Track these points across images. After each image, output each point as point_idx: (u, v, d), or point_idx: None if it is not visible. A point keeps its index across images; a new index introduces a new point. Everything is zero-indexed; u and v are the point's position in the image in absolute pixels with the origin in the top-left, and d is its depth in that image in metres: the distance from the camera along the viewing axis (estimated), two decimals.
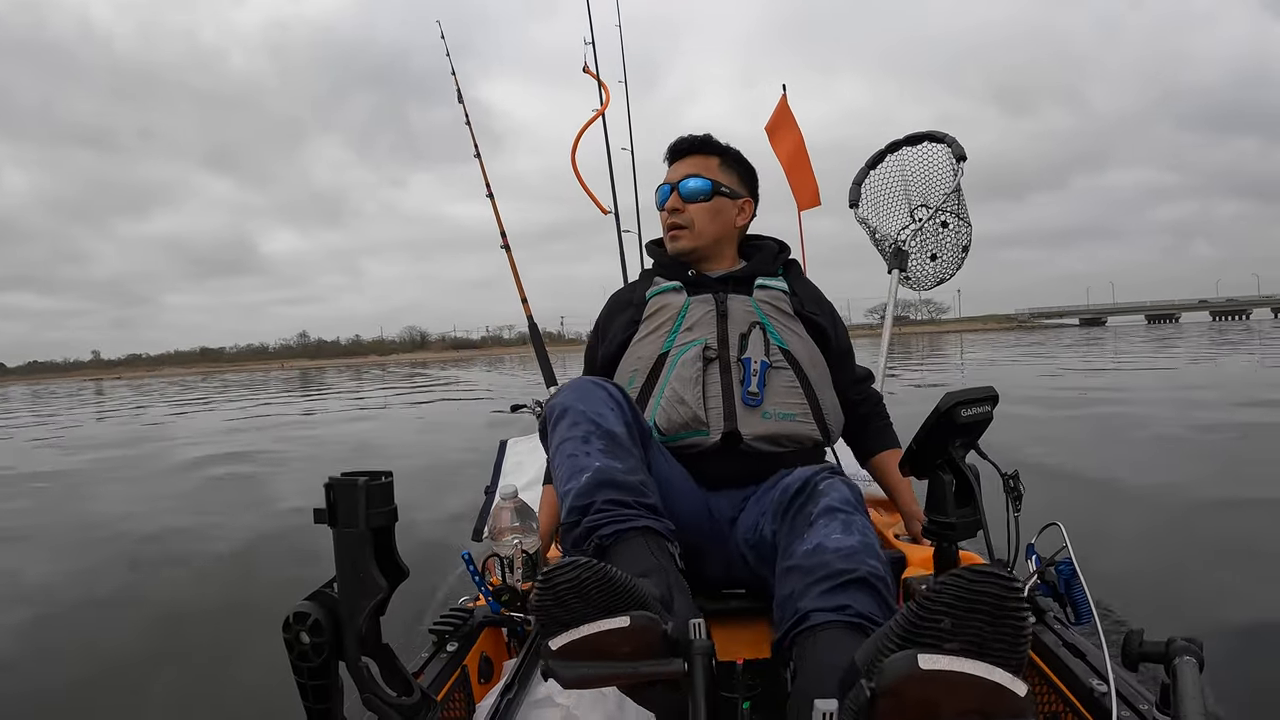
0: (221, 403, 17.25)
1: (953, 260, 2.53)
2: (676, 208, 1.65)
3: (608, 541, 1.16)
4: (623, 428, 1.30)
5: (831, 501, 1.20)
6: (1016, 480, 1.22)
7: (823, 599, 1.05)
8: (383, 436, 9.00)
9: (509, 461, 2.44)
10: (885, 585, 1.09)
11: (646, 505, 1.21)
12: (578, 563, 0.91)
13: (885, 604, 1.07)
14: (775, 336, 1.56)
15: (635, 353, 1.61)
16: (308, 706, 0.83)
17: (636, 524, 1.17)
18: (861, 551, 1.10)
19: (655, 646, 0.92)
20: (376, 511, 0.83)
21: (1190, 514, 3.25)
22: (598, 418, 1.29)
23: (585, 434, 1.27)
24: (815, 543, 1.13)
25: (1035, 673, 1.15)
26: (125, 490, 5.81)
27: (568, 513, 1.22)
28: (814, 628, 1.03)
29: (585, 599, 0.91)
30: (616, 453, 1.25)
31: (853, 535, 1.13)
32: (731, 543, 1.42)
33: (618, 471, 1.22)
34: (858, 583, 1.06)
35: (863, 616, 1.03)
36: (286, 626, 0.82)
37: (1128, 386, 9.87)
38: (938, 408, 1.16)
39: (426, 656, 1.25)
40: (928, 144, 2.53)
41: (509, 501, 1.48)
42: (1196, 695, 0.82)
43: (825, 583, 1.07)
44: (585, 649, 0.92)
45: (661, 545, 1.17)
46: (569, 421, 1.30)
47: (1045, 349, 23.13)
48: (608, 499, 1.19)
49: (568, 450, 1.27)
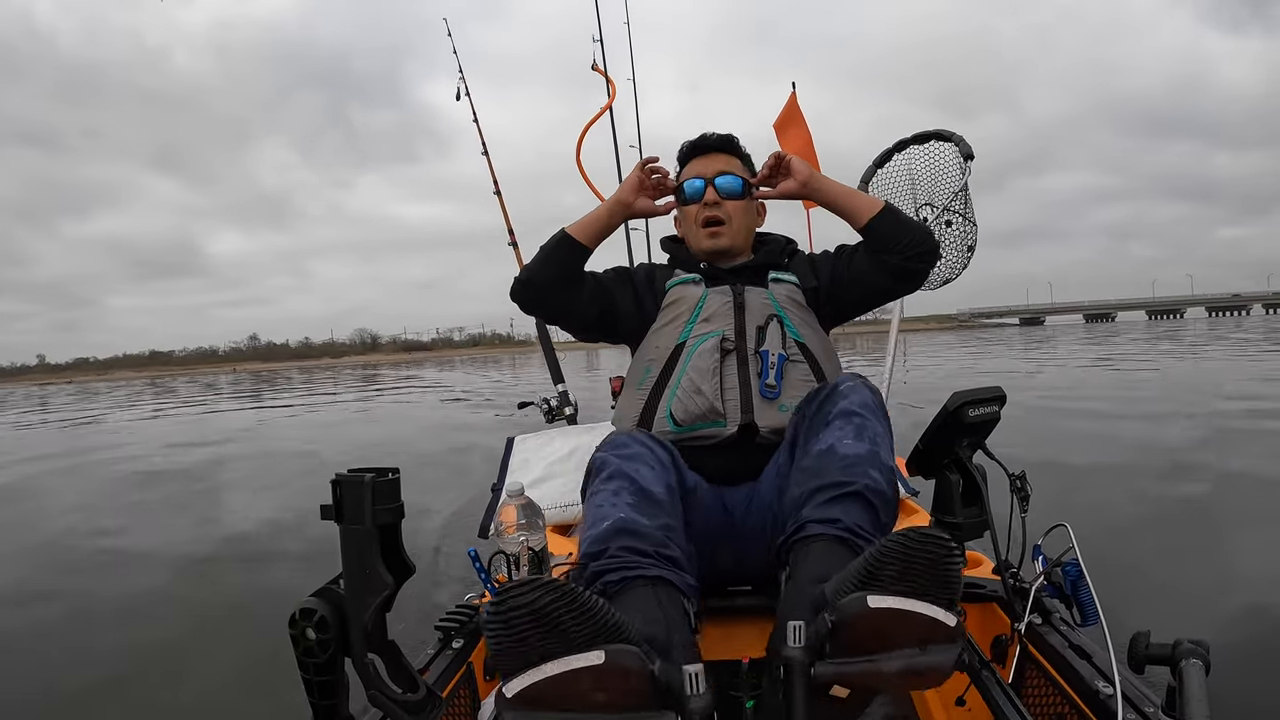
0: (243, 405, 16.80)
1: (959, 260, 2.52)
2: (715, 201, 1.63)
3: (613, 589, 1.10)
4: (662, 489, 1.25)
5: (850, 404, 1.26)
6: (1024, 481, 1.22)
7: (819, 509, 1.15)
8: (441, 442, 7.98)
9: (515, 459, 2.44)
10: (881, 497, 1.17)
11: (665, 557, 1.15)
12: (539, 582, 0.79)
13: (878, 517, 1.16)
14: (792, 329, 1.55)
15: (652, 342, 1.60)
16: (313, 703, 0.84)
17: (648, 573, 1.11)
18: (865, 461, 1.18)
19: (639, 694, 0.79)
20: (383, 508, 0.83)
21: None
22: (636, 475, 1.25)
23: (618, 488, 1.23)
24: (828, 444, 1.21)
25: (1041, 673, 1.15)
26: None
27: (579, 561, 1.18)
28: (807, 538, 1.14)
29: (548, 630, 0.78)
30: (645, 509, 1.20)
31: (863, 442, 1.20)
32: (743, 536, 1.43)
33: (641, 524, 1.16)
34: (853, 495, 1.15)
35: (850, 530, 1.13)
36: (293, 623, 0.83)
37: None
38: (945, 407, 1.16)
39: (432, 653, 1.25)
40: (935, 143, 2.51)
41: (515, 499, 1.48)
42: (1202, 698, 0.82)
43: (825, 492, 1.16)
44: (548, 695, 0.78)
45: (674, 599, 1.10)
46: (605, 475, 1.27)
47: (983, 346, 22.95)
48: (622, 545, 1.13)
49: (597, 501, 1.23)
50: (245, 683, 2.14)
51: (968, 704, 1.18)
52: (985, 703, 1.10)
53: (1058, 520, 1.18)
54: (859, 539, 1.12)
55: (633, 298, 1.65)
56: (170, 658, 2.39)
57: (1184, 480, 3.90)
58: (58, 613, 2.88)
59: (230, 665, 2.27)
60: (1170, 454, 4.52)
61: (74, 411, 17.12)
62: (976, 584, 1.39)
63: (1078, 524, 1.15)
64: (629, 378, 1.63)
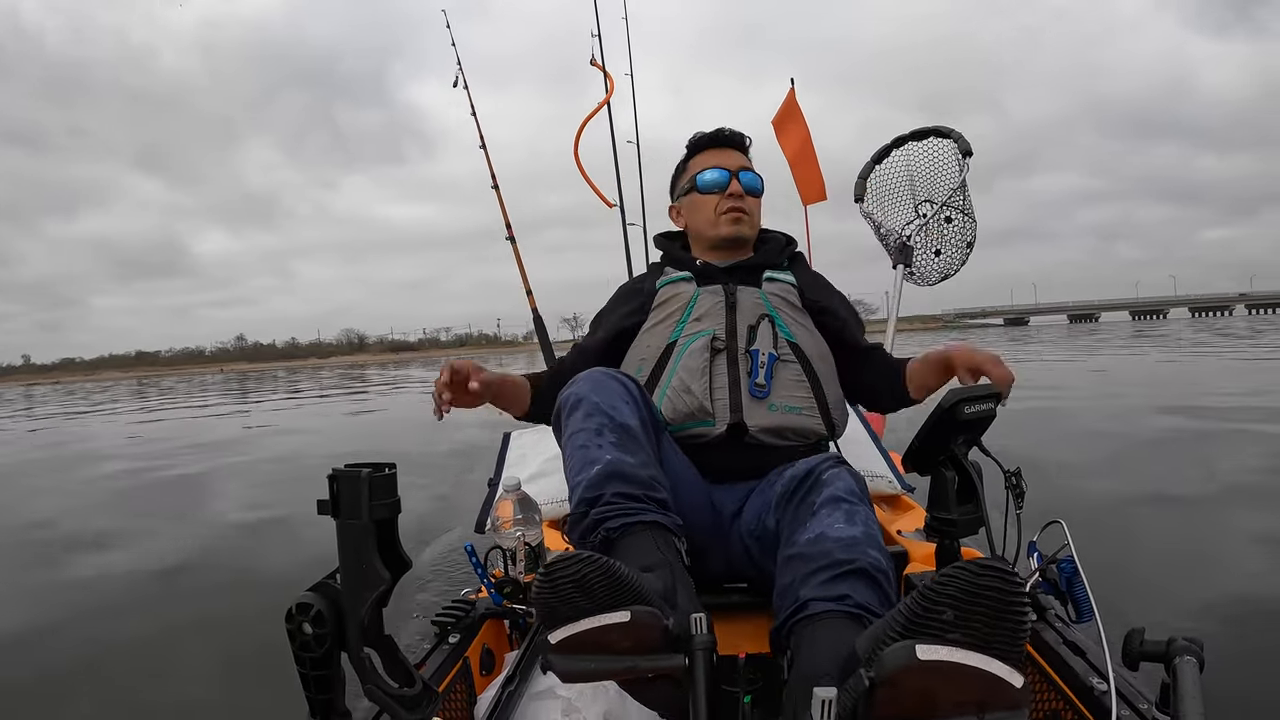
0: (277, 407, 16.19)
1: (957, 256, 2.52)
2: (739, 193, 1.65)
3: (614, 534, 1.16)
4: (636, 421, 1.29)
5: (835, 491, 1.20)
6: (1019, 477, 1.23)
7: (823, 588, 1.06)
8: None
9: (512, 454, 2.44)
10: (886, 577, 1.09)
11: (656, 500, 1.20)
12: (580, 556, 0.90)
13: (885, 595, 1.07)
14: (784, 329, 1.55)
15: (643, 341, 1.60)
16: (310, 697, 0.84)
17: (644, 518, 1.17)
18: (863, 542, 1.11)
19: (656, 642, 0.91)
20: (379, 503, 0.84)
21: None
22: (612, 410, 1.28)
23: (598, 426, 1.26)
24: (818, 531, 1.14)
25: (1035, 670, 1.15)
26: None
27: (576, 504, 1.22)
28: (813, 616, 1.04)
29: (587, 593, 0.90)
30: (628, 446, 1.24)
31: (855, 525, 1.14)
32: (734, 536, 1.42)
33: (629, 465, 1.21)
34: (858, 573, 1.07)
35: (861, 607, 1.03)
36: (289, 617, 0.83)
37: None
38: (941, 404, 1.16)
39: (429, 648, 1.25)
40: (933, 139, 2.52)
41: (512, 494, 1.48)
42: (1196, 695, 0.82)
43: (826, 572, 1.07)
44: (585, 643, 0.91)
45: (668, 541, 1.16)
46: (583, 413, 1.29)
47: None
48: (617, 492, 1.18)
49: (579, 441, 1.26)
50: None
51: None
52: None
53: (1053, 517, 1.18)
54: (872, 616, 1.02)
55: (615, 327, 1.66)
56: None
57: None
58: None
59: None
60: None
61: (105, 413, 16.68)
62: None
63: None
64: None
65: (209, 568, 3.39)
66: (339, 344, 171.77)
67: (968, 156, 2.41)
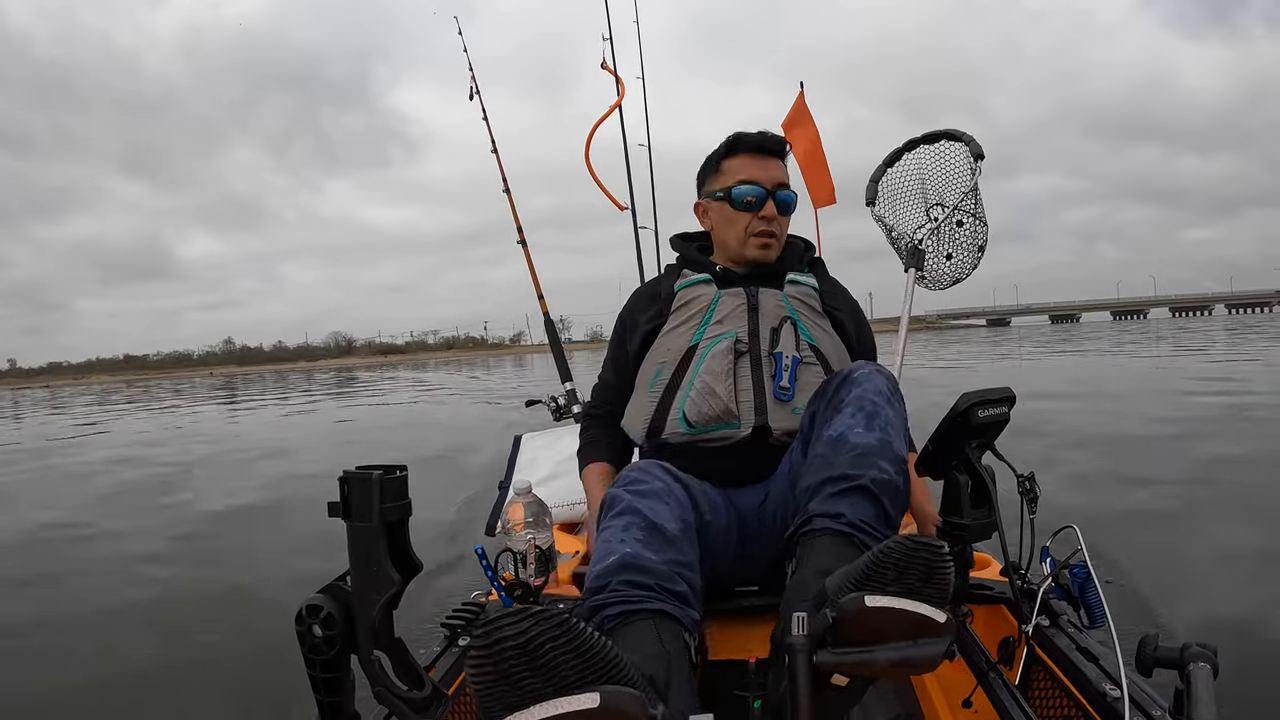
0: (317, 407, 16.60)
1: (969, 260, 2.51)
2: (773, 216, 1.60)
3: (612, 624, 1.06)
4: (676, 525, 1.21)
5: (864, 391, 1.28)
6: (1033, 482, 1.22)
7: (826, 503, 1.18)
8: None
9: (523, 457, 2.44)
10: (889, 488, 1.19)
11: (670, 592, 1.11)
12: (529, 612, 0.71)
13: (882, 511, 1.17)
14: (805, 333, 1.55)
15: (664, 344, 1.59)
16: (319, 699, 0.84)
17: (649, 605, 1.08)
18: (875, 453, 1.20)
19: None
20: (390, 506, 0.83)
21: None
22: (648, 511, 1.21)
23: (627, 524, 1.19)
24: (839, 431, 1.24)
25: (1048, 675, 1.15)
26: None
27: (583, 596, 1.15)
28: (813, 532, 1.17)
29: (537, 668, 0.70)
30: (653, 544, 1.16)
31: (874, 431, 1.22)
32: (754, 537, 1.42)
33: (647, 559, 1.13)
34: (859, 490, 1.17)
35: (854, 525, 1.15)
36: (299, 619, 0.83)
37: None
38: (955, 408, 1.15)
39: (438, 650, 1.25)
40: (945, 142, 2.50)
41: (522, 497, 1.48)
42: (1210, 701, 0.81)
43: (832, 485, 1.19)
44: None
45: (676, 633, 1.07)
46: (616, 511, 1.23)
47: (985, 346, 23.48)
48: (624, 580, 1.10)
49: (604, 538, 1.20)
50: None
51: (974, 706, 1.18)
52: (992, 704, 1.09)
53: (1066, 522, 1.18)
54: (862, 534, 1.15)
55: (644, 330, 1.64)
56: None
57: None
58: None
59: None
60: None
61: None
62: (984, 586, 1.38)
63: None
64: (639, 380, 1.61)
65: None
66: (327, 347, 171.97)
67: (979, 160, 2.40)
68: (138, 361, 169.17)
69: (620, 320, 1.74)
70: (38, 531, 4.54)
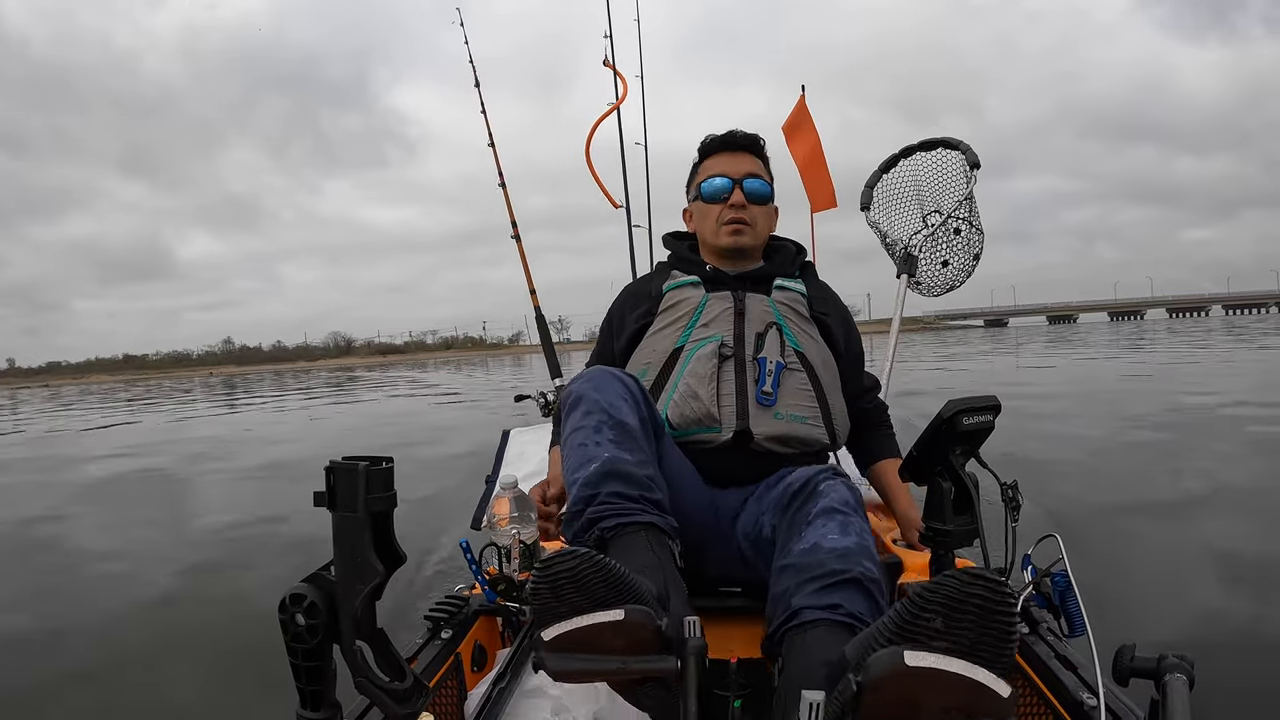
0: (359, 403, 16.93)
1: (963, 268, 2.52)
2: (741, 204, 1.62)
3: (609, 534, 1.16)
4: (636, 421, 1.28)
5: (831, 502, 1.21)
6: (1015, 490, 1.23)
7: (815, 597, 1.08)
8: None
9: (511, 451, 2.44)
10: (879, 588, 1.10)
11: (652, 501, 1.20)
12: (577, 553, 0.90)
13: (877, 605, 1.08)
14: (791, 338, 1.55)
15: (649, 345, 1.60)
16: (300, 688, 0.84)
17: (640, 519, 1.16)
18: (856, 552, 1.12)
19: (649, 643, 0.91)
20: (375, 496, 0.83)
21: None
22: (611, 408, 1.27)
23: (598, 423, 1.26)
24: (812, 541, 1.15)
25: (1025, 683, 1.15)
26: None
27: (573, 501, 1.22)
28: (804, 624, 1.06)
29: (581, 590, 0.90)
30: (627, 445, 1.24)
31: (849, 536, 1.15)
32: (732, 540, 1.42)
33: (627, 464, 1.21)
34: (851, 583, 1.08)
35: (853, 616, 1.05)
36: (283, 608, 0.83)
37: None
38: (939, 415, 1.16)
39: (421, 643, 1.25)
40: (941, 150, 2.52)
41: (508, 491, 1.48)
42: (1185, 713, 0.82)
43: (818, 581, 1.09)
44: (578, 641, 0.91)
45: (662, 542, 1.16)
46: (583, 410, 1.29)
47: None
48: (613, 491, 1.18)
49: (579, 439, 1.26)
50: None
51: None
52: None
53: (1048, 531, 1.18)
54: (864, 625, 1.03)
55: (631, 329, 1.65)
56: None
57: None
58: None
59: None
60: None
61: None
62: None
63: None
64: None
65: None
66: (326, 347, 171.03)
67: (975, 169, 2.41)
68: (137, 361, 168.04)
69: (609, 315, 1.76)
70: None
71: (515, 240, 3.19)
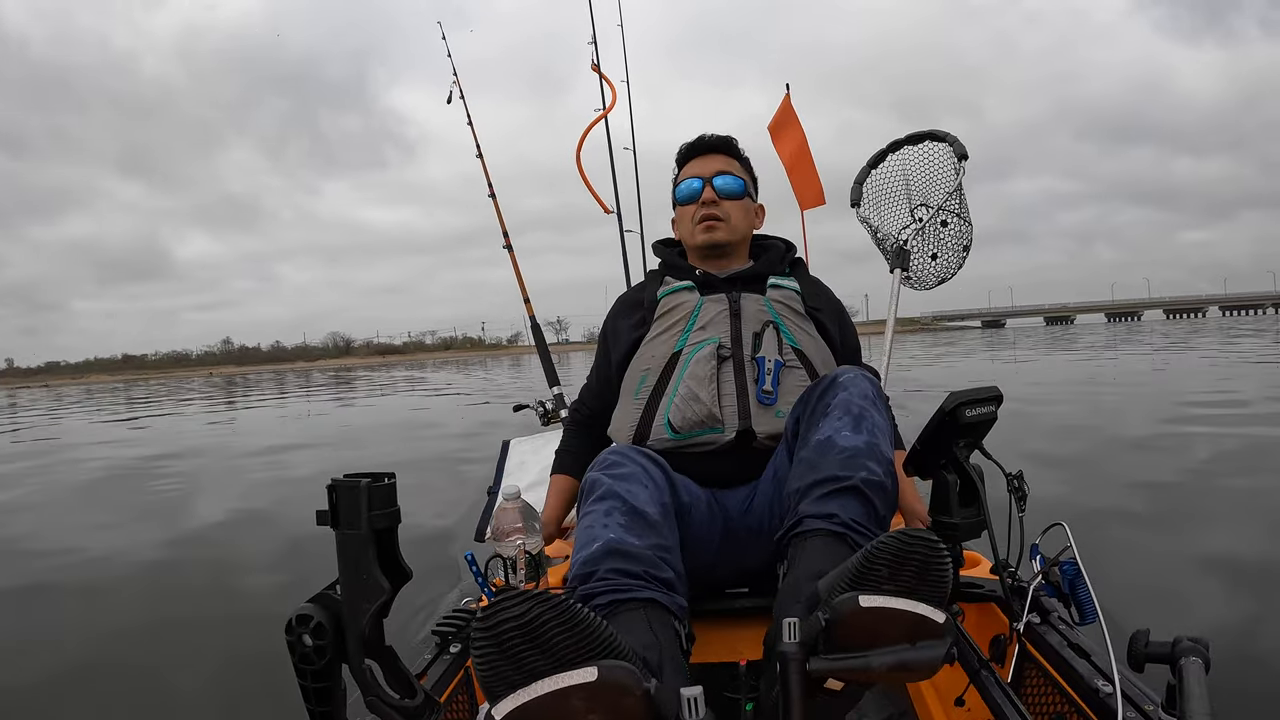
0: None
1: (954, 259, 2.52)
2: (713, 200, 1.65)
3: (602, 612, 1.05)
4: (656, 508, 1.22)
5: (849, 395, 1.27)
6: (1021, 480, 1.22)
7: (816, 504, 1.17)
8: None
9: (511, 461, 2.43)
10: (879, 489, 1.19)
11: (658, 579, 1.12)
12: (528, 594, 0.75)
13: (873, 511, 1.17)
14: (788, 336, 1.55)
15: (648, 351, 1.60)
16: (310, 709, 0.83)
17: (639, 595, 1.08)
18: (864, 454, 1.20)
19: (633, 715, 0.75)
20: (379, 513, 0.83)
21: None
22: (628, 495, 1.22)
23: (609, 508, 1.20)
24: (826, 435, 1.23)
25: (1040, 673, 1.15)
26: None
27: (569, 582, 1.16)
28: (804, 533, 1.16)
29: (538, 646, 0.74)
30: (636, 529, 1.17)
31: (860, 434, 1.22)
32: (740, 536, 1.42)
33: (631, 545, 1.14)
34: (850, 490, 1.17)
35: (847, 525, 1.15)
36: (289, 629, 0.82)
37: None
38: (942, 408, 1.15)
39: (430, 658, 1.24)
40: (929, 143, 2.51)
41: (512, 502, 1.47)
42: (1203, 695, 0.82)
43: (822, 486, 1.18)
44: (540, 716, 0.74)
45: (666, 622, 1.08)
46: (597, 495, 1.24)
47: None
48: (612, 568, 1.11)
49: (587, 523, 1.21)
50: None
51: (967, 704, 1.18)
52: (985, 702, 1.09)
53: (1055, 519, 1.18)
54: (855, 534, 1.14)
55: (628, 339, 1.66)
56: None
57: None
58: None
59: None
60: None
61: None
62: (975, 584, 1.39)
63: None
64: (624, 387, 1.63)
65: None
66: (325, 347, 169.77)
67: (963, 160, 2.41)
68: (136, 361, 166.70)
69: (604, 328, 1.78)
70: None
71: (507, 250, 3.19)
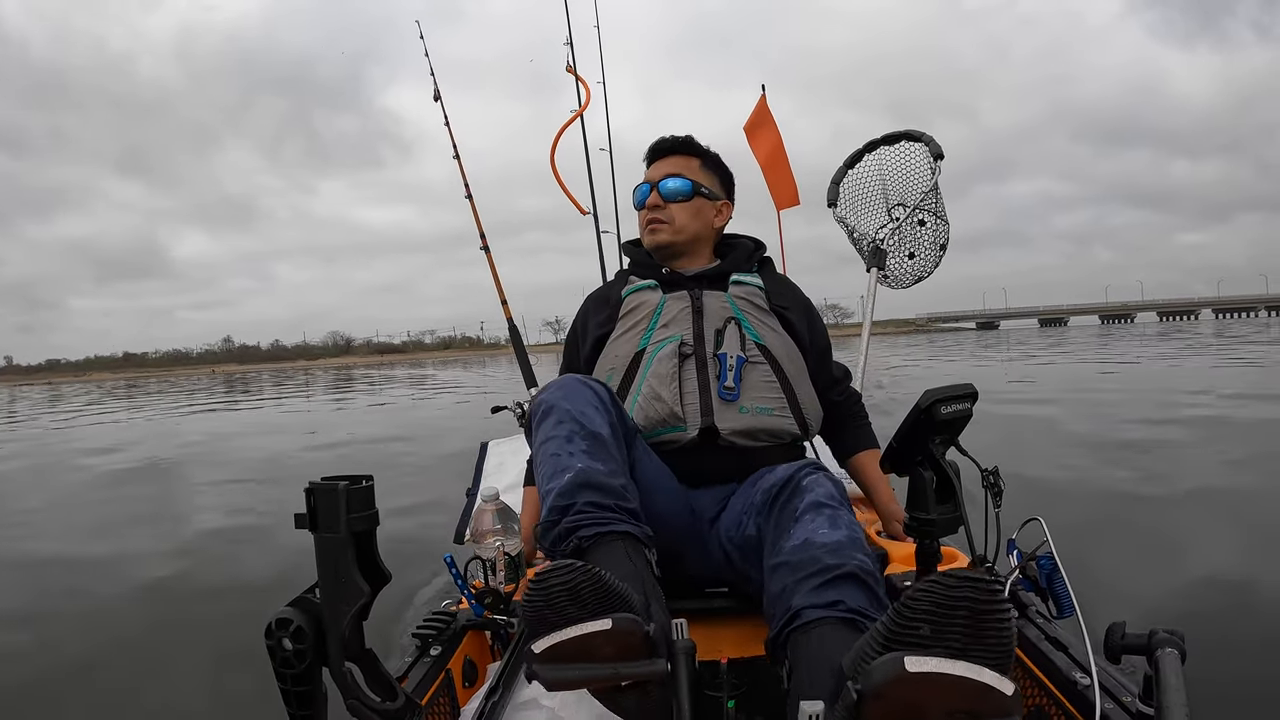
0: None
1: (930, 258, 2.54)
2: (656, 204, 1.67)
3: (587, 543, 1.15)
4: (607, 429, 1.28)
5: (817, 497, 1.20)
6: (996, 476, 1.23)
7: (814, 595, 1.05)
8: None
9: (490, 463, 2.43)
10: (874, 579, 1.09)
11: (627, 510, 1.20)
12: (572, 565, 0.92)
13: (876, 598, 1.07)
14: (751, 332, 1.56)
15: (612, 351, 1.61)
16: (291, 713, 0.83)
17: (616, 528, 1.16)
18: (849, 546, 1.11)
19: (637, 648, 0.93)
20: (357, 516, 0.83)
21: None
22: (582, 417, 1.27)
23: (569, 433, 1.26)
24: (802, 538, 1.13)
25: (1018, 666, 1.16)
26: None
27: (548, 511, 1.21)
28: (807, 625, 1.03)
29: (577, 601, 0.92)
30: (599, 454, 1.24)
31: (839, 530, 1.14)
32: (714, 541, 1.42)
33: (600, 474, 1.21)
34: (847, 577, 1.06)
35: (854, 612, 1.03)
36: (269, 633, 0.81)
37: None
38: (918, 405, 1.16)
39: (410, 661, 1.24)
40: (905, 143, 2.54)
41: (490, 504, 1.47)
42: (1179, 686, 0.82)
43: (815, 579, 1.07)
44: (570, 651, 0.92)
45: (639, 551, 1.17)
46: (554, 420, 1.28)
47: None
48: (589, 500, 1.18)
49: (551, 449, 1.26)
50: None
51: None
52: None
53: (1031, 514, 1.19)
54: (867, 620, 1.02)
55: (595, 335, 1.68)
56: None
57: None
58: None
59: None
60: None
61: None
62: None
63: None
64: None
65: None
66: (325, 346, 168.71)
67: (939, 160, 2.43)
68: (137, 359, 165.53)
69: (574, 324, 1.79)
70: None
71: (484, 251, 3.17)
